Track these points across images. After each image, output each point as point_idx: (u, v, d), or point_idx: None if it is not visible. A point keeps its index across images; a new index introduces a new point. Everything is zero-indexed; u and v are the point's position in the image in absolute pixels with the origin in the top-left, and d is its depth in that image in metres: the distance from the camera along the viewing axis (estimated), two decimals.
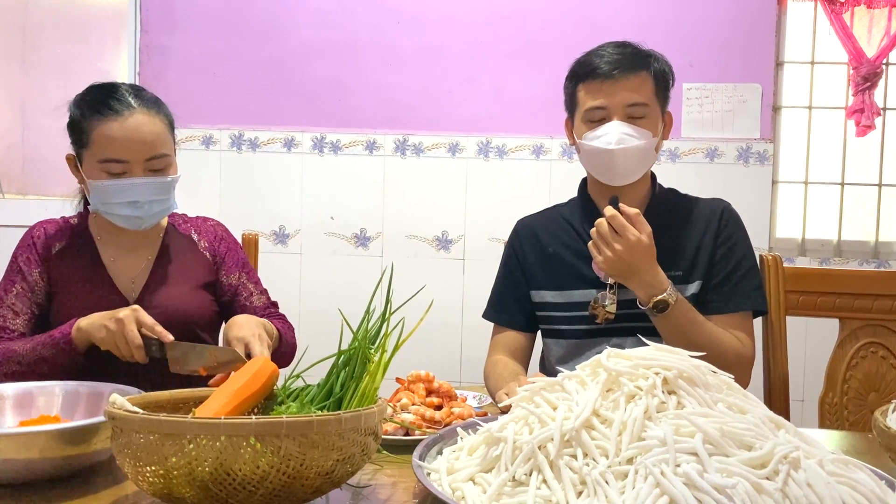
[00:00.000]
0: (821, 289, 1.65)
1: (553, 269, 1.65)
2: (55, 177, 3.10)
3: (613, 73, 1.52)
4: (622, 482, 0.80)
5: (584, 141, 1.56)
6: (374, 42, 3.04)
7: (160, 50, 3.07)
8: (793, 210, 3.09)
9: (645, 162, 1.56)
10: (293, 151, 3.08)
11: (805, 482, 0.78)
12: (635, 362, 0.93)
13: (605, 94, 1.53)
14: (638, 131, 1.52)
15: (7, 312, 1.49)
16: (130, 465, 0.82)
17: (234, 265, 1.66)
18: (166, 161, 1.49)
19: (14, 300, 1.50)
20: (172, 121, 1.54)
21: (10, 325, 1.48)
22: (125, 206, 1.47)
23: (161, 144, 1.48)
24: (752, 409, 0.90)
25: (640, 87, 1.53)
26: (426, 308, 1.09)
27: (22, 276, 1.52)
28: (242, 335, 1.35)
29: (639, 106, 1.53)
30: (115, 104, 1.45)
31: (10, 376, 1.37)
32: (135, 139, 1.44)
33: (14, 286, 1.51)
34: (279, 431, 0.78)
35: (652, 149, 1.55)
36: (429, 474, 0.94)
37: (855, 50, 2.93)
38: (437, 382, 1.29)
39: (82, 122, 1.47)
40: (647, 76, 1.54)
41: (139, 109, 1.46)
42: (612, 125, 1.52)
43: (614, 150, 1.51)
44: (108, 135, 1.44)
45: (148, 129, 1.46)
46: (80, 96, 1.51)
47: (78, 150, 1.50)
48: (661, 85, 1.57)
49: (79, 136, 1.48)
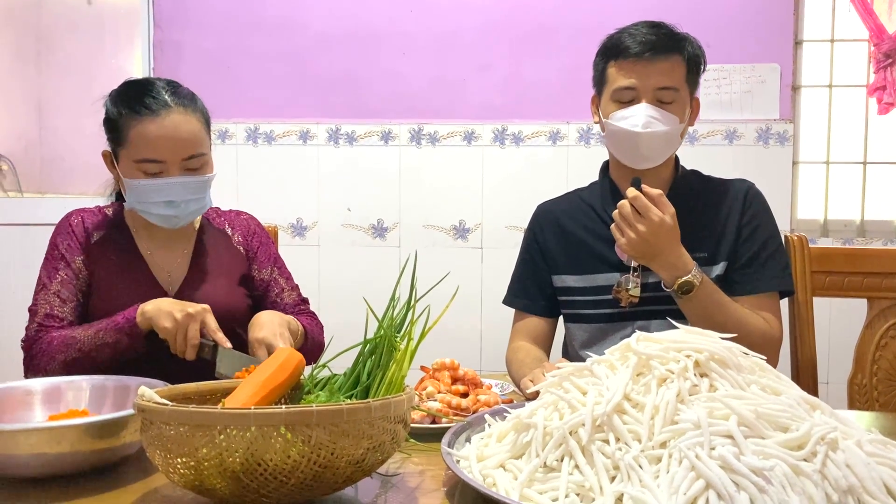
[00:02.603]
0: (848, 269, 1.62)
1: (575, 253, 1.64)
2: (73, 175, 3.12)
3: (646, 54, 1.49)
4: (656, 466, 0.79)
5: (610, 120, 1.54)
6: (387, 31, 3.03)
7: (174, 45, 3.07)
8: (814, 191, 3.04)
9: (670, 147, 1.54)
10: (309, 144, 3.08)
11: (844, 463, 0.76)
12: (665, 345, 0.92)
13: (636, 75, 1.50)
14: (665, 116, 1.50)
15: (54, 300, 1.46)
16: (161, 457, 0.82)
17: (266, 260, 1.65)
18: (203, 160, 1.48)
19: (60, 287, 1.47)
20: (208, 117, 1.53)
21: (57, 312, 1.45)
22: (161, 205, 1.45)
23: (198, 144, 1.46)
24: (786, 390, 0.89)
25: (671, 71, 1.51)
26: (447, 296, 1.08)
27: (66, 262, 1.49)
28: (263, 336, 1.35)
29: (669, 90, 1.51)
30: (152, 103, 1.43)
31: (71, 364, 1.37)
32: (172, 139, 1.42)
33: (58, 273, 1.48)
34: (310, 420, 0.77)
35: (677, 134, 1.53)
36: (458, 462, 0.94)
37: (876, 26, 2.88)
38: (462, 370, 1.28)
39: (119, 120, 1.45)
40: (679, 60, 1.52)
41: (175, 108, 1.44)
42: (640, 107, 1.50)
43: (640, 133, 1.49)
44: (145, 135, 1.42)
45: (185, 129, 1.44)
46: (117, 92, 1.49)
47: (114, 148, 1.49)
48: (693, 70, 1.55)
49: (115, 134, 1.46)
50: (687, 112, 1.55)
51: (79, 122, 3.08)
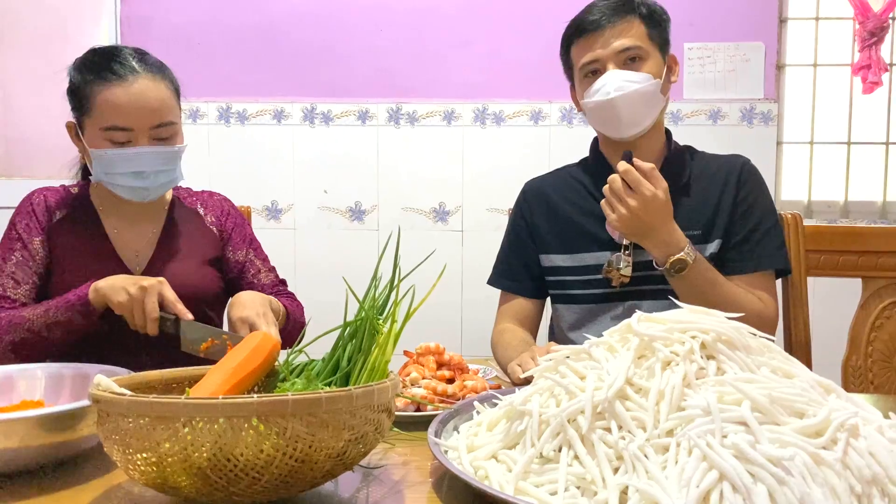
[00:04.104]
0: (843, 247, 1.57)
1: (564, 231, 1.57)
2: (38, 157, 3.00)
3: (600, 22, 1.47)
4: (663, 456, 0.73)
5: (585, 100, 1.51)
6: (364, 6, 2.93)
7: (141, 21, 2.95)
8: (798, 171, 3.01)
9: (652, 106, 1.48)
10: (283, 123, 2.98)
11: (867, 451, 0.70)
12: (669, 326, 0.85)
13: (595, 47, 1.48)
14: (636, 75, 1.45)
15: (7, 281, 1.40)
16: (119, 452, 0.74)
17: (241, 241, 1.60)
18: (173, 129, 1.41)
19: (14, 269, 1.41)
20: (178, 87, 1.46)
21: (10, 294, 1.39)
22: (130, 176, 1.39)
23: (167, 111, 1.40)
24: (798, 372, 0.83)
25: (628, 31, 1.47)
26: (429, 279, 1.01)
27: (22, 243, 1.43)
28: (246, 315, 1.29)
29: (631, 50, 1.47)
30: (119, 68, 1.36)
31: (20, 345, 1.30)
32: (140, 106, 1.36)
33: (13, 254, 1.42)
34: (284, 411, 0.70)
35: (657, 91, 1.47)
36: (446, 452, 0.87)
37: (861, 4, 2.84)
38: (448, 355, 1.21)
39: (84, 87, 1.38)
40: (634, 19, 1.48)
41: (144, 74, 1.37)
42: (607, 75, 1.46)
43: (615, 99, 1.44)
44: (112, 101, 1.35)
45: (154, 95, 1.37)
46: (81, 60, 1.42)
47: (79, 117, 1.41)
48: (654, 26, 1.50)
49: (80, 102, 1.39)
50: (662, 69, 1.50)
51: (43, 102, 2.96)
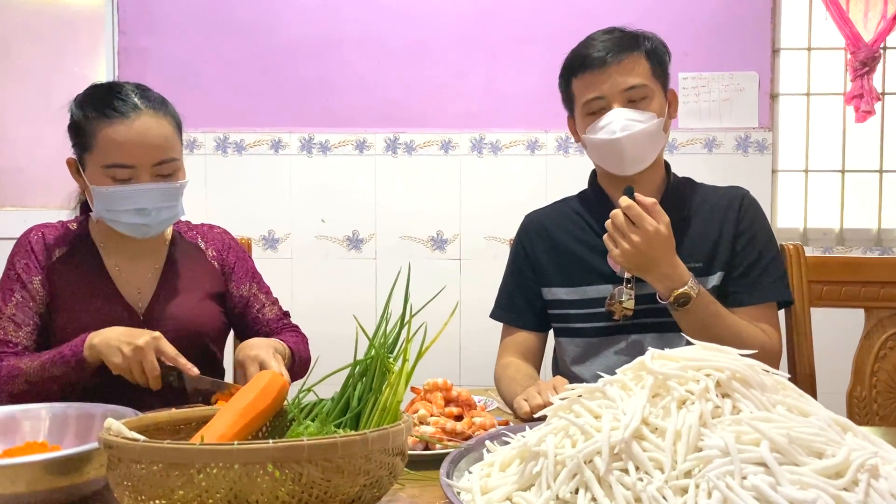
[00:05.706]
0: (845, 278, 1.58)
1: (566, 264, 1.57)
2: (33, 187, 2.99)
3: (605, 59, 1.46)
4: (682, 498, 0.72)
5: (588, 135, 1.50)
6: (361, 37, 2.95)
7: (139, 52, 2.96)
8: (794, 199, 3.03)
9: (655, 144, 1.49)
10: (280, 153, 2.98)
11: (889, 492, 0.70)
12: (683, 364, 0.85)
13: (600, 84, 1.47)
14: (641, 114, 1.46)
15: (8, 325, 1.38)
16: (131, 499, 0.73)
17: (244, 276, 1.59)
18: (175, 165, 1.41)
19: (14, 311, 1.39)
20: (180, 122, 1.46)
21: (11, 338, 1.37)
22: (131, 213, 1.38)
23: (169, 148, 1.39)
24: (814, 410, 0.82)
25: (634, 69, 1.47)
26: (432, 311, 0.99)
27: (21, 283, 1.41)
28: (256, 354, 1.29)
29: (637, 88, 1.47)
30: (120, 105, 1.36)
31: (19, 396, 1.28)
32: (142, 143, 1.35)
33: (13, 295, 1.40)
34: (300, 456, 0.69)
35: (660, 130, 1.48)
36: (459, 494, 0.86)
37: (852, 34, 2.88)
38: (456, 390, 1.20)
39: (85, 124, 1.37)
40: (639, 56, 1.48)
41: (146, 111, 1.37)
42: (613, 113, 1.46)
43: (620, 139, 1.44)
44: (114, 138, 1.35)
45: (156, 133, 1.37)
46: (82, 96, 1.42)
47: (80, 154, 1.41)
48: (657, 63, 1.51)
49: (81, 139, 1.39)
50: (664, 106, 1.51)
51: (39, 131, 2.95)
